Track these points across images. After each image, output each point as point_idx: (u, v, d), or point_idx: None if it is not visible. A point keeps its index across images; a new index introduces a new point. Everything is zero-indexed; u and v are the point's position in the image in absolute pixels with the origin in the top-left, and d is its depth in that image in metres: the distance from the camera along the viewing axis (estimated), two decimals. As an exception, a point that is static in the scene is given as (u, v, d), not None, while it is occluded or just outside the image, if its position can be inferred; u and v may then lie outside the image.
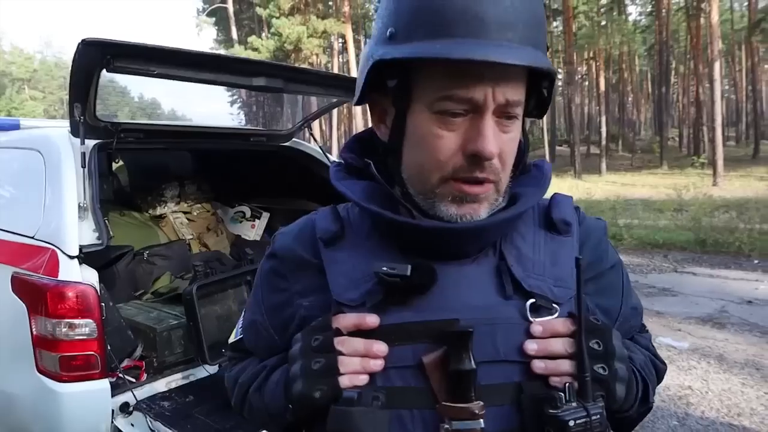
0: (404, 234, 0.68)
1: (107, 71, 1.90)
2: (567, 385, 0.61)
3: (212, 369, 2.24)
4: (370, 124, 0.77)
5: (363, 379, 0.63)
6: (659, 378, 0.82)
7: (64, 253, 1.88)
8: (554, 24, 36.69)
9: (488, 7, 0.59)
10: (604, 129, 28.22)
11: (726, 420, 3.15)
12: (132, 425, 1.94)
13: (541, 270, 0.69)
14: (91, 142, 2.09)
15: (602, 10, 32.56)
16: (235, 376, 0.82)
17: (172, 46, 2.03)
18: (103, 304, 1.91)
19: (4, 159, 2.56)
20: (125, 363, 2.21)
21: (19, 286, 1.95)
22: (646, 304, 5.50)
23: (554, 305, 0.66)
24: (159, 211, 3.49)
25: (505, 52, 0.59)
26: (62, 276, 1.85)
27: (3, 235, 2.18)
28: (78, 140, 2.03)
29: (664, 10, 28.84)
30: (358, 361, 0.63)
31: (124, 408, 1.96)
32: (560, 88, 45.43)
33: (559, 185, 18.76)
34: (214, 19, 37.65)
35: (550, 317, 0.66)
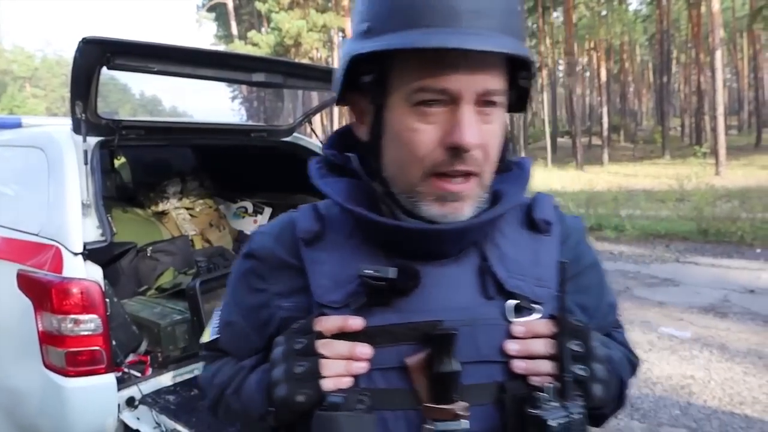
0: (387, 235, 0.67)
1: (107, 69, 1.91)
2: (548, 385, 0.61)
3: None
4: None
5: (347, 382, 0.63)
6: (633, 372, 0.83)
7: (69, 250, 1.89)
8: (554, 14, 36.50)
9: None
10: (605, 119, 28.11)
11: (728, 409, 3.16)
12: (138, 419, 1.96)
13: (523, 270, 0.68)
14: (93, 140, 2.11)
15: (602, 0, 32.36)
16: (210, 376, 0.80)
17: (171, 43, 2.04)
18: (107, 299, 1.93)
19: (6, 157, 2.58)
20: (130, 358, 2.23)
21: (25, 282, 1.97)
22: (648, 294, 5.52)
23: (535, 305, 0.67)
24: (161, 207, 3.50)
25: (480, 40, 0.58)
26: (67, 273, 1.86)
27: (8, 233, 2.20)
28: (80, 138, 2.04)
29: (665, -1, 28.66)
30: (342, 364, 0.63)
31: (130, 402, 1.99)
32: (561, 79, 45.22)
33: (561, 176, 18.72)
34: (214, 14, 37.56)
35: (531, 318, 0.66)
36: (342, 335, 0.64)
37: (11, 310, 2.03)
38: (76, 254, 1.89)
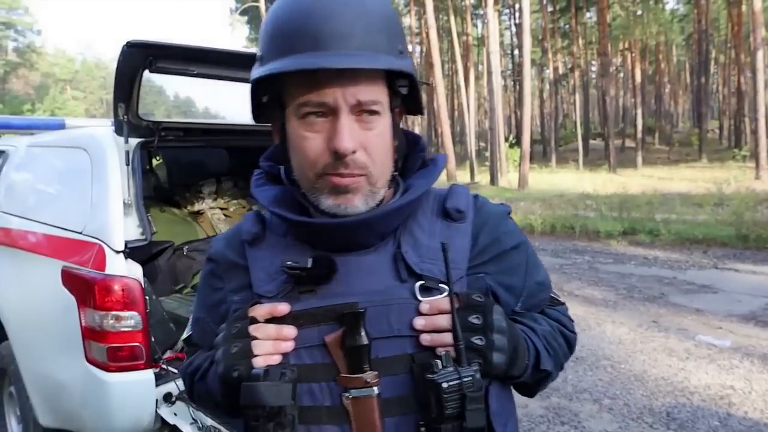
0: (306, 231, 0.77)
1: (149, 72, 1.96)
2: (444, 353, 0.70)
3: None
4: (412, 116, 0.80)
5: (275, 359, 0.72)
6: (570, 347, 0.91)
7: (111, 248, 1.95)
8: (588, 15, 35.87)
9: (323, 25, 0.68)
10: (639, 121, 27.50)
11: (770, 421, 3.05)
12: (175, 414, 2.01)
13: (435, 255, 0.77)
14: (134, 141, 2.16)
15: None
16: (186, 366, 0.91)
17: (209, 46, 2.08)
18: (147, 297, 1.97)
19: (51, 157, 2.67)
20: (168, 354, 2.28)
21: (69, 279, 2.03)
22: (685, 301, 5.36)
23: (442, 285, 0.74)
24: (197, 207, 3.57)
25: (338, 59, 0.67)
26: (109, 270, 1.92)
27: (53, 231, 2.28)
28: (122, 139, 2.10)
29: (703, -2, 27.85)
30: (271, 344, 0.72)
31: (168, 398, 2.03)
32: (594, 80, 44.38)
33: (593, 179, 18.38)
34: (246, 17, 38.14)
35: (438, 296, 0.74)
36: (273, 320, 0.74)
37: (55, 306, 2.10)
38: (118, 252, 1.95)
